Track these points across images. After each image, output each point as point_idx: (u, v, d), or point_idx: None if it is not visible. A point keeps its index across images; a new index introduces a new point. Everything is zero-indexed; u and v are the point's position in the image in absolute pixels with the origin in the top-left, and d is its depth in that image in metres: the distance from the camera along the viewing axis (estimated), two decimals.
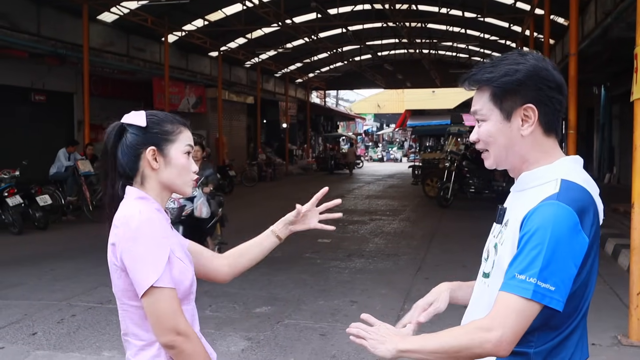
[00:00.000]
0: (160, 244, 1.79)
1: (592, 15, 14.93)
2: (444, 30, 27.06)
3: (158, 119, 1.94)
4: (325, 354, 5.35)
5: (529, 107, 1.68)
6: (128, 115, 1.95)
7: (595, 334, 5.63)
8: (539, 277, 1.53)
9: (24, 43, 15.16)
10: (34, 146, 15.78)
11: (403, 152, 52.76)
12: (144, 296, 1.77)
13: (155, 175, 1.92)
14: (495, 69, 1.71)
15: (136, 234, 1.77)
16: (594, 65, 16.80)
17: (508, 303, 1.56)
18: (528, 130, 1.70)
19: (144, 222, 1.78)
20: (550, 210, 1.57)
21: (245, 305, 6.87)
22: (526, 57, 1.71)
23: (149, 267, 1.75)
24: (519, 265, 1.56)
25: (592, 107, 25.32)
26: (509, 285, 1.56)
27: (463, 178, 16.43)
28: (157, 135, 1.91)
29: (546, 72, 1.69)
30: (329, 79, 39.80)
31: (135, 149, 1.90)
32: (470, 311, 1.89)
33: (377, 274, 8.53)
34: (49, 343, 5.61)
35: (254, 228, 10.74)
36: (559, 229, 1.55)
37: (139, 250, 1.76)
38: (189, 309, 1.92)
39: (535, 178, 1.71)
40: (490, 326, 1.56)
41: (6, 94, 15.55)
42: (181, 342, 1.77)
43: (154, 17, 18.62)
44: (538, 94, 1.68)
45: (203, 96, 24.97)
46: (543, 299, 1.53)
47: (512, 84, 1.68)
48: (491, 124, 1.74)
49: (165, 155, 1.92)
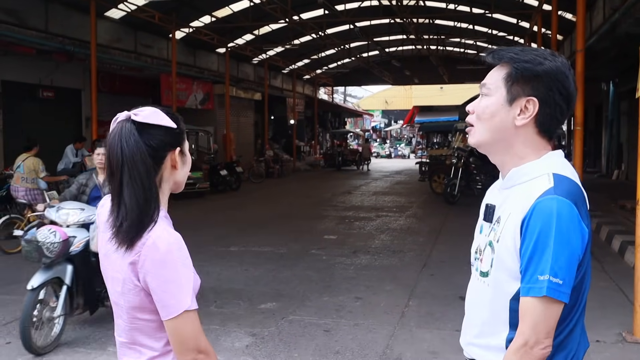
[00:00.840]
0: (188, 265, 1.72)
1: (600, 11, 14.85)
2: (451, 26, 27.00)
3: (175, 117, 1.82)
4: (329, 349, 5.37)
5: (531, 100, 1.69)
6: (143, 114, 1.76)
7: (600, 331, 5.62)
8: (550, 273, 1.56)
9: (31, 39, 15.22)
10: (42, 142, 15.83)
11: (411, 149, 52.67)
12: (172, 319, 1.70)
13: (172, 176, 1.83)
14: (522, 53, 1.72)
15: (166, 257, 1.68)
16: (602, 61, 16.72)
17: (530, 307, 1.59)
18: (521, 122, 1.70)
19: (172, 244, 1.69)
20: (551, 205, 1.58)
21: (250, 301, 6.89)
22: (556, 58, 1.72)
23: (182, 293, 1.69)
24: (537, 267, 1.58)
25: (600, 103, 25.21)
26: (532, 289, 1.59)
27: (470, 174, 16.40)
28: (180, 135, 1.83)
29: (565, 79, 1.69)
30: (337, 75, 39.75)
31: (163, 152, 1.77)
32: (472, 312, 1.88)
33: (382, 271, 8.53)
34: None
35: (259, 227, 10.76)
36: (563, 222, 1.57)
37: (170, 275, 1.68)
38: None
39: (524, 174, 1.72)
40: (524, 340, 1.60)
41: (14, 90, 15.63)
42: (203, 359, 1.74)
43: (161, 14, 18.65)
44: (547, 93, 1.68)
45: (210, 92, 25.00)
46: (554, 294, 1.56)
47: (530, 72, 1.69)
48: (492, 100, 1.75)
49: (184, 154, 1.85)
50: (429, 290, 7.40)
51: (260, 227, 12.38)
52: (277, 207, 15.66)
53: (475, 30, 26.98)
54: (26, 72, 15.97)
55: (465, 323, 1.91)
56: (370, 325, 6.06)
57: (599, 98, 24.69)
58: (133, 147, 1.70)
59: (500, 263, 1.70)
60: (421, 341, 5.59)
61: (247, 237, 11.05)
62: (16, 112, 15.70)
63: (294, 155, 31.86)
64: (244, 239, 10.83)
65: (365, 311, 6.56)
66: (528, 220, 1.61)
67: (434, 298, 7.02)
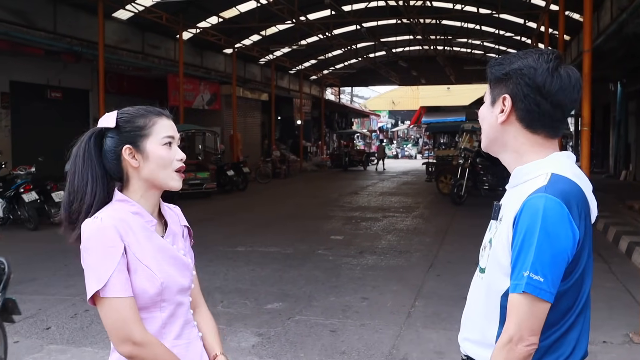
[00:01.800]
0: (107, 253, 1.75)
1: (607, 11, 14.81)
2: (458, 26, 26.97)
3: (129, 115, 1.89)
4: (335, 350, 5.37)
5: (505, 98, 1.77)
6: (102, 119, 1.91)
7: (606, 332, 5.61)
8: (531, 270, 1.57)
9: (40, 40, 15.31)
10: (50, 143, 15.91)
11: (418, 149, 52.59)
12: (94, 304, 1.79)
13: (137, 173, 1.88)
14: (503, 58, 1.83)
15: (87, 244, 1.77)
16: (609, 61, 16.66)
17: (515, 304, 1.61)
18: (501, 119, 1.78)
19: (94, 232, 1.76)
20: (538, 202, 1.60)
21: (256, 301, 6.90)
22: (530, 55, 1.76)
23: (93, 277, 1.75)
24: (523, 264, 1.59)
25: (608, 103, 25.13)
26: (517, 286, 1.60)
27: (477, 175, 16.36)
28: (130, 133, 1.87)
29: (531, 71, 1.73)
30: (344, 75, 39.77)
31: (114, 151, 1.87)
32: (468, 308, 1.92)
33: (388, 271, 8.53)
34: (62, 337, 5.68)
35: (266, 227, 10.78)
36: (548, 220, 1.58)
37: (88, 260, 1.77)
38: (160, 316, 1.86)
39: (527, 173, 1.75)
40: (509, 336, 1.61)
41: (23, 90, 15.72)
42: (138, 352, 1.75)
43: (168, 15, 18.71)
44: (516, 88, 1.75)
45: (217, 93, 25.06)
46: (534, 291, 1.57)
47: (499, 73, 1.79)
48: (484, 106, 1.87)
49: (142, 152, 1.87)
50: (435, 291, 7.40)
51: (266, 227, 12.40)
52: (284, 208, 15.67)
53: (482, 31, 26.94)
54: (34, 73, 16.06)
55: (463, 319, 1.94)
56: (377, 325, 6.06)
57: (607, 98, 24.61)
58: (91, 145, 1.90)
59: (495, 259, 1.73)
60: (427, 341, 5.59)
61: (254, 237, 11.07)
62: (24, 112, 15.79)
63: (301, 156, 31.89)
64: (251, 239, 10.85)
65: (372, 311, 6.56)
66: (518, 217, 1.64)
67: (440, 298, 7.02)
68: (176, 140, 1.93)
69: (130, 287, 1.77)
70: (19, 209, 11.84)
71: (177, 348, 1.87)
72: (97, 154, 1.89)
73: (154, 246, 1.86)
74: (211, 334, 2.07)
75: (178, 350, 1.87)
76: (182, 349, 1.89)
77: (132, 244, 1.80)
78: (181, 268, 1.92)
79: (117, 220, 1.79)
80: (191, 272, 1.98)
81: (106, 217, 1.79)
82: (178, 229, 2.01)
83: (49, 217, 12.23)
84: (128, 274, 1.78)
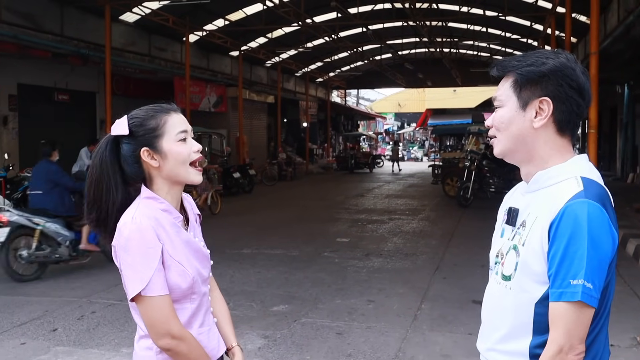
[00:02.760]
0: (147, 254, 1.84)
1: (614, 13, 14.77)
2: (464, 29, 26.92)
3: (140, 119, 1.95)
4: (341, 352, 5.37)
5: (544, 100, 1.69)
6: (114, 127, 1.96)
7: (614, 335, 5.57)
8: (585, 278, 1.54)
9: (47, 43, 15.37)
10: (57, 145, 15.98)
11: (424, 152, 52.56)
12: (135, 302, 1.88)
13: (158, 172, 1.95)
14: (524, 58, 1.74)
15: (126, 244, 1.84)
16: (616, 63, 16.63)
17: (563, 312, 1.57)
18: (539, 123, 1.70)
19: (133, 232, 1.84)
20: (583, 208, 1.57)
21: (262, 303, 6.91)
22: (557, 55, 1.73)
23: (135, 278, 1.84)
24: (569, 271, 1.56)
25: (615, 106, 25.05)
26: (564, 294, 1.56)
27: (483, 177, 16.35)
28: (144, 136, 1.93)
29: (571, 72, 1.69)
30: (350, 78, 39.76)
31: (132, 155, 1.93)
32: (492, 317, 1.85)
33: (394, 273, 8.52)
34: (69, 339, 5.69)
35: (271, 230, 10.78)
36: (593, 226, 1.55)
37: (128, 260, 1.85)
38: (190, 307, 1.97)
39: (550, 177, 1.71)
40: (559, 347, 1.58)
41: (30, 93, 15.78)
42: (176, 345, 1.87)
43: (175, 17, 18.75)
44: (557, 89, 1.68)
45: (224, 95, 25.10)
46: (587, 299, 1.54)
47: (535, 74, 1.70)
48: (506, 110, 1.76)
49: (159, 152, 1.93)
50: (441, 294, 7.38)
51: (272, 230, 12.40)
52: (290, 210, 15.68)
53: (488, 33, 26.90)
54: (42, 76, 16.12)
55: (485, 328, 1.88)
56: (383, 328, 6.05)
57: (614, 101, 24.53)
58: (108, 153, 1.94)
59: (526, 267, 1.68)
60: (434, 344, 5.58)
61: (260, 240, 11.08)
62: (31, 114, 15.85)
63: (307, 158, 31.90)
64: (257, 242, 10.86)
65: (378, 314, 6.56)
66: (558, 223, 1.59)
67: (446, 301, 7.01)
68: (190, 133, 1.99)
69: (167, 285, 1.88)
70: (26, 212, 11.86)
71: (202, 335, 2.00)
72: (114, 161, 1.95)
73: (182, 242, 1.96)
74: (226, 321, 2.20)
75: (202, 337, 2.00)
76: (205, 336, 2.01)
77: (166, 242, 1.89)
78: (203, 260, 2.03)
79: (153, 220, 1.88)
80: (210, 263, 2.10)
81: (144, 218, 1.86)
82: (194, 219, 2.11)
83: None
84: (164, 271, 1.88)
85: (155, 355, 1.94)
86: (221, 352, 2.10)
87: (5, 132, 15.00)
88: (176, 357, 1.90)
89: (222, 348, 2.12)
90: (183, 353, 1.89)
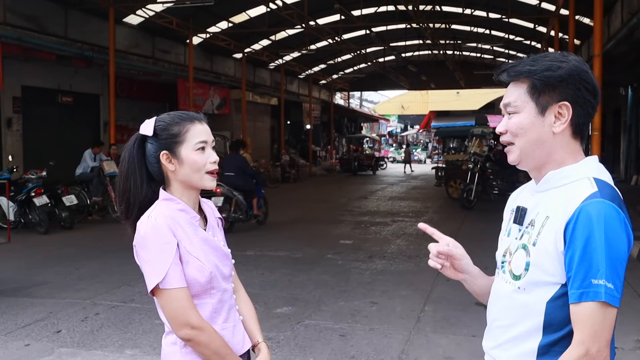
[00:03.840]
0: (163, 249, 1.94)
1: (618, 16, 14.77)
2: (468, 31, 26.93)
3: (165, 124, 2.06)
4: (345, 354, 5.37)
5: (564, 105, 1.68)
6: (142, 125, 2.08)
7: (617, 338, 5.55)
8: (606, 278, 1.52)
9: (51, 45, 15.42)
10: (61, 147, 16.04)
11: (427, 154, 52.53)
12: (154, 296, 1.99)
13: (174, 176, 2.06)
14: (536, 63, 1.71)
15: (143, 241, 1.96)
16: (620, 66, 16.61)
17: (588, 313, 1.54)
18: (560, 128, 1.69)
19: (149, 229, 1.95)
20: (599, 208, 1.56)
21: (266, 305, 6.91)
22: (568, 57, 1.72)
23: (153, 272, 1.94)
24: (589, 271, 1.54)
25: (618, 108, 25.00)
26: (586, 294, 1.54)
27: (486, 180, 16.33)
28: (166, 140, 2.04)
29: (587, 75, 1.70)
30: (353, 80, 39.78)
31: (154, 155, 2.06)
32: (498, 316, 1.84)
33: (398, 276, 8.52)
34: (72, 341, 5.70)
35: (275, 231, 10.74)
36: (610, 226, 1.54)
37: (146, 257, 1.96)
38: (210, 302, 2.06)
39: (563, 177, 1.70)
40: (585, 349, 1.54)
41: (34, 95, 15.83)
42: (196, 335, 1.96)
43: (179, 20, 18.80)
44: (576, 93, 1.68)
45: (227, 97, 25.14)
46: (610, 299, 1.52)
47: (554, 79, 1.69)
48: (524, 116, 1.73)
49: (177, 157, 2.04)
50: (444, 296, 7.38)
51: (276, 232, 12.41)
52: (293, 212, 15.69)
53: (491, 35, 26.90)
54: (46, 78, 16.17)
55: (491, 327, 1.87)
56: (386, 330, 6.05)
57: (617, 103, 24.49)
58: (135, 151, 2.08)
59: (537, 266, 1.67)
60: (437, 346, 5.58)
61: (263, 242, 11.09)
62: (35, 117, 15.90)
63: (310, 160, 31.91)
64: (260, 243, 10.87)
65: (381, 316, 6.56)
66: (574, 223, 1.57)
67: (449, 303, 7.00)
68: (210, 143, 2.09)
69: (184, 278, 1.97)
70: (30, 213, 11.91)
71: (225, 330, 2.09)
72: (141, 158, 2.08)
73: (200, 239, 2.05)
74: (251, 319, 2.28)
75: (226, 332, 2.08)
76: (229, 331, 2.10)
77: (183, 239, 1.99)
78: (222, 257, 2.13)
79: (168, 218, 1.98)
80: (231, 261, 2.20)
81: (159, 216, 1.97)
82: (214, 221, 2.21)
83: (59, 221, 12.32)
84: (181, 266, 1.98)
85: (180, 349, 2.02)
86: (246, 347, 2.17)
87: (9, 134, 15.04)
88: (197, 347, 1.98)
89: (248, 344, 2.19)
90: (204, 343, 1.97)
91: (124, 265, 8.55)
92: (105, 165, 13.98)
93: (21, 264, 9.21)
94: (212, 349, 1.98)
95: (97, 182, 14.00)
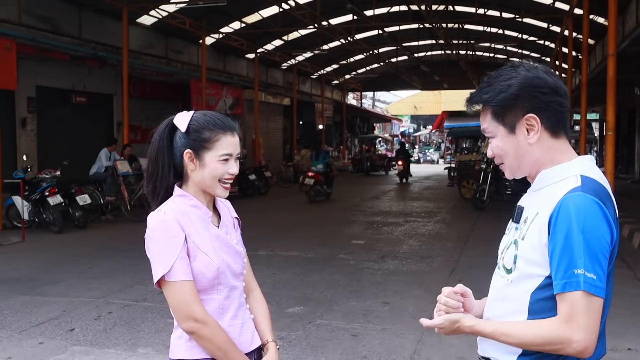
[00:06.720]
0: (170, 242, 1.98)
1: (632, 15, 14.65)
2: (481, 31, 26.83)
3: (198, 125, 2.07)
4: (356, 354, 5.37)
5: (530, 117, 1.75)
6: (178, 116, 2.11)
7: (631, 339, 5.52)
8: (584, 267, 1.57)
9: (65, 46, 15.52)
10: (75, 147, 16.14)
11: (440, 154, 52.38)
12: (160, 287, 2.02)
13: (192, 175, 2.10)
14: (490, 87, 1.81)
15: (152, 234, 2.01)
16: (635, 65, 16.47)
17: (572, 302, 1.59)
18: (534, 139, 1.77)
19: (157, 223, 2.00)
20: (577, 200, 1.62)
21: (278, 305, 6.91)
22: (518, 70, 1.79)
23: (159, 264, 1.98)
24: (570, 262, 1.59)
25: (633, 108, 24.82)
26: (569, 284, 1.58)
27: (499, 180, 16.24)
28: (195, 141, 2.07)
29: (538, 80, 1.75)
30: (365, 80, 39.76)
31: (180, 150, 2.09)
32: (491, 309, 1.90)
33: (410, 276, 8.50)
34: (85, 339, 5.74)
35: (287, 232, 10.74)
36: (589, 217, 1.60)
37: (153, 249, 2.01)
38: (217, 298, 2.08)
39: (553, 176, 1.76)
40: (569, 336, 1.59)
41: (48, 95, 15.94)
42: (199, 328, 1.99)
43: (191, 20, 18.87)
44: (535, 102, 1.74)
45: (240, 97, 25.19)
46: (591, 289, 1.57)
47: (509, 99, 1.77)
48: (499, 139, 1.83)
49: (200, 160, 2.07)
50: None
51: (288, 231, 12.42)
52: (305, 212, 15.71)
53: (505, 35, 26.78)
54: (60, 78, 16.27)
55: (485, 317, 1.93)
56: (398, 330, 6.04)
57: (632, 102, 24.30)
58: (164, 137, 2.10)
59: (523, 259, 1.74)
60: (449, 347, 5.56)
61: (275, 241, 11.10)
62: (50, 116, 16.00)
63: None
64: (272, 243, 10.88)
65: (393, 316, 6.55)
66: (556, 216, 1.63)
67: None
68: (234, 156, 2.11)
69: (190, 272, 2.00)
70: (44, 212, 11.99)
71: (233, 327, 2.10)
72: (169, 145, 2.11)
73: (210, 235, 2.08)
74: (263, 318, 2.29)
75: (233, 329, 2.10)
76: (237, 328, 2.12)
77: (192, 234, 2.03)
78: (234, 255, 2.14)
79: (178, 213, 2.03)
80: (243, 259, 2.21)
81: (168, 211, 2.02)
82: (230, 221, 2.25)
83: (73, 220, 12.40)
84: (188, 260, 2.00)
85: (185, 342, 2.05)
86: (254, 346, 2.18)
87: (24, 134, 15.15)
88: (200, 341, 2.01)
89: (256, 342, 2.20)
90: (206, 337, 2.00)
91: (137, 264, 8.59)
92: (119, 165, 14.05)
93: (35, 262, 9.27)
94: (215, 343, 2.00)
95: (111, 182, 14.07)
